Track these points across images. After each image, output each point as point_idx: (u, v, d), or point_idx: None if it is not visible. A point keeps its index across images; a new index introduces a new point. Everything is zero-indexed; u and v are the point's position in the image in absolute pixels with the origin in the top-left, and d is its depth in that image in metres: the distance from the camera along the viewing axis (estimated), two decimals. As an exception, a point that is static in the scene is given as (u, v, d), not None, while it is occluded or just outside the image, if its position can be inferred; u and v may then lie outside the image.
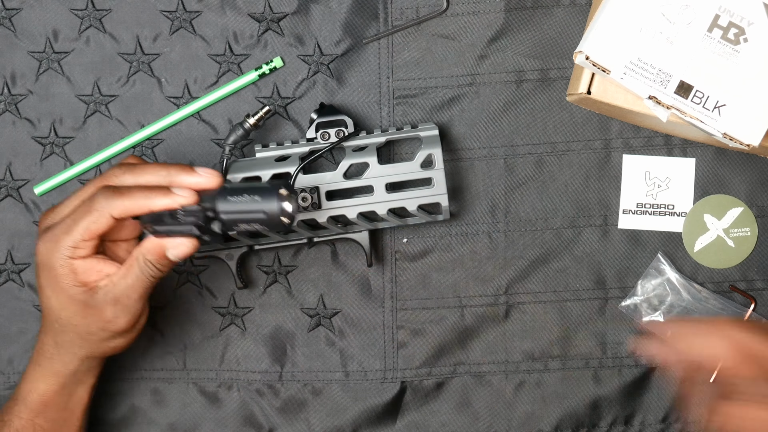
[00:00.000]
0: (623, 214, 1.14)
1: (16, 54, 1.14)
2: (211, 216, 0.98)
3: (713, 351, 0.94)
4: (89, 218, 0.97)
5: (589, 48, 1.01)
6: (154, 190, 0.97)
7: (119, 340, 1.02)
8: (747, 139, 1.01)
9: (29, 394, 1.04)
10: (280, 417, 1.14)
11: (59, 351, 1.02)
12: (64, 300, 0.99)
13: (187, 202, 0.97)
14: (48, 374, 1.03)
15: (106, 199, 0.97)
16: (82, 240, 0.97)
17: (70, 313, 1.00)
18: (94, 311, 0.99)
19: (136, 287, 0.99)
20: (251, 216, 0.97)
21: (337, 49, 1.13)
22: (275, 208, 0.97)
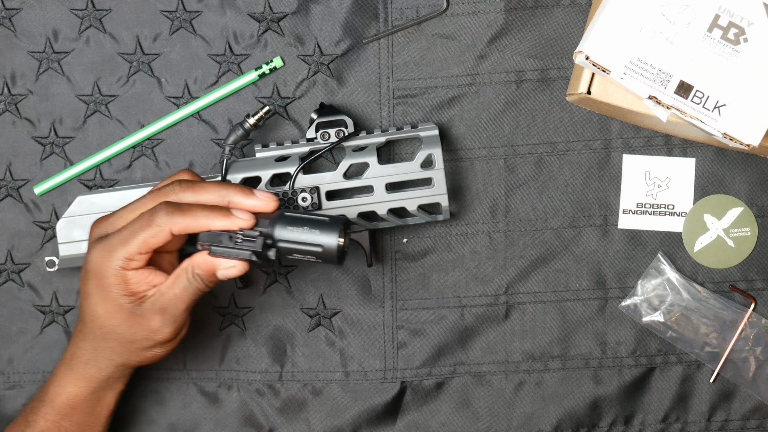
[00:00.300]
0: (623, 214, 1.14)
1: (16, 54, 1.14)
2: (269, 243, 0.98)
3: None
4: (149, 232, 0.98)
5: (589, 48, 1.01)
6: (215, 211, 0.98)
7: (159, 349, 1.02)
8: (747, 139, 1.01)
9: (57, 396, 1.03)
10: (280, 417, 1.14)
11: (96, 357, 1.02)
12: (112, 309, 0.99)
13: (246, 225, 0.98)
14: (80, 378, 1.03)
15: (167, 215, 0.98)
16: (138, 253, 0.98)
17: (117, 322, 1.00)
18: (140, 320, 1.00)
19: (183, 298, 1.00)
20: (308, 248, 0.98)
21: (337, 49, 1.13)
22: (333, 245, 0.98)
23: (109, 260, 0.99)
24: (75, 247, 1.10)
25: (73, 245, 1.10)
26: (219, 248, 0.98)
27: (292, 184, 1.09)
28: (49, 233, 1.14)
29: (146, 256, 0.99)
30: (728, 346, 1.13)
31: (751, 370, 1.13)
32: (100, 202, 1.10)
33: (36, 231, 1.14)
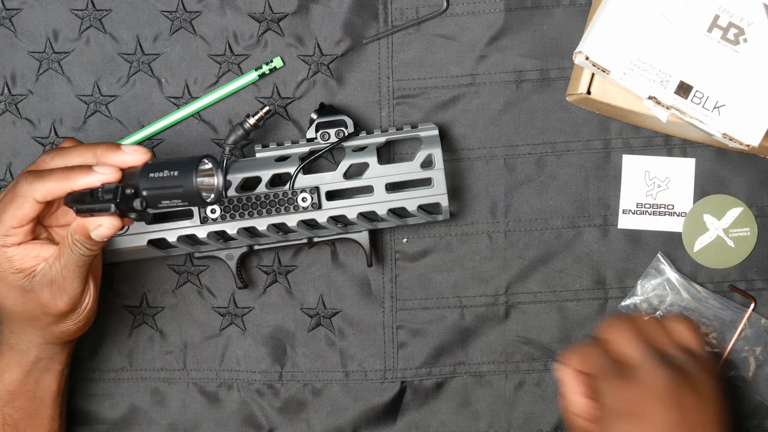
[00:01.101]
0: (623, 214, 1.14)
1: (17, 54, 1.14)
2: (129, 193, 0.95)
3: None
4: (14, 205, 0.97)
5: (589, 48, 1.01)
6: (75, 170, 0.96)
7: (67, 323, 1.01)
8: (747, 139, 1.01)
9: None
10: (280, 417, 1.15)
11: (16, 340, 1.02)
12: (4, 288, 0.99)
13: (106, 180, 0.96)
14: (11, 363, 1.03)
15: (28, 183, 0.96)
16: (12, 227, 0.97)
17: (11, 301, 0.99)
18: (31, 295, 0.99)
19: (69, 266, 0.98)
20: (170, 191, 0.95)
21: (337, 49, 1.13)
22: (192, 183, 0.94)
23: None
24: (75, 247, 1.10)
25: (73, 245, 1.10)
26: (82, 206, 0.96)
27: (292, 184, 1.09)
28: (49, 233, 1.14)
29: (23, 230, 0.98)
30: (728, 346, 1.13)
31: (751, 369, 1.13)
32: (100, 202, 1.10)
33: (36, 231, 1.14)
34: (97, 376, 1.14)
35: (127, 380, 1.15)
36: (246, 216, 1.09)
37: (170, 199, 0.95)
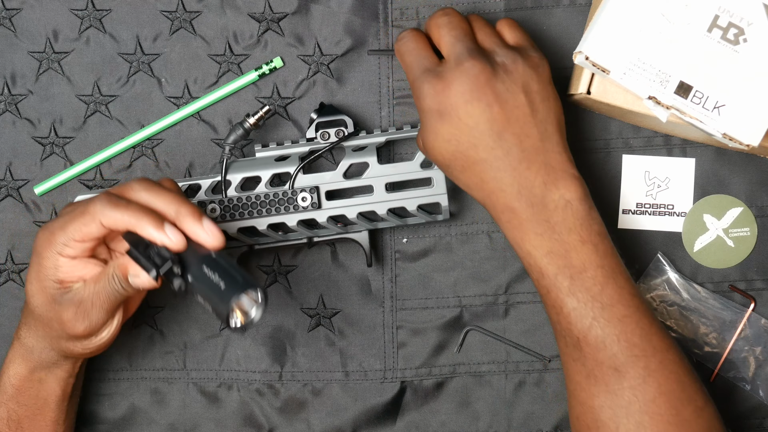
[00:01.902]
0: (623, 214, 1.14)
1: (16, 54, 1.14)
2: (176, 271, 0.96)
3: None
4: (82, 220, 0.97)
5: (589, 48, 1.02)
6: (149, 217, 0.96)
7: (76, 344, 1.01)
8: (747, 139, 1.01)
9: (3, 376, 1.04)
10: (280, 417, 1.15)
11: (29, 335, 1.03)
12: (38, 289, 0.99)
13: (169, 246, 0.96)
14: (19, 357, 1.03)
15: (102, 205, 0.97)
16: (73, 240, 0.98)
17: (38, 303, 1.00)
18: (57, 308, 0.99)
19: (101, 295, 0.98)
20: (208, 295, 0.95)
21: (337, 49, 1.13)
22: (224, 310, 0.94)
23: (47, 243, 0.98)
24: (75, 247, 1.10)
25: (73, 245, 1.10)
26: (133, 251, 0.97)
27: (291, 184, 1.09)
28: (49, 233, 1.14)
29: (83, 245, 0.98)
30: (728, 346, 1.13)
31: (751, 369, 1.13)
32: (100, 202, 1.10)
33: (36, 231, 1.14)
34: (97, 376, 1.14)
35: (126, 380, 1.15)
36: (246, 216, 1.09)
37: (204, 300, 0.95)
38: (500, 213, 1.02)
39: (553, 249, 1.00)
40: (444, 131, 1.01)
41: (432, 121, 1.01)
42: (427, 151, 1.03)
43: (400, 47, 1.05)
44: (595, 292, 0.99)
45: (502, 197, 1.01)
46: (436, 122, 1.01)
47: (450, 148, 1.01)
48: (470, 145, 1.01)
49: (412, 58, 1.03)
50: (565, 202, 1.00)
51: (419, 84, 1.02)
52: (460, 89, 1.00)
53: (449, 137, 1.01)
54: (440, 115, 1.01)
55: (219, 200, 1.09)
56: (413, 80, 1.02)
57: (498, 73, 1.01)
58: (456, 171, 1.03)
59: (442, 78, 1.01)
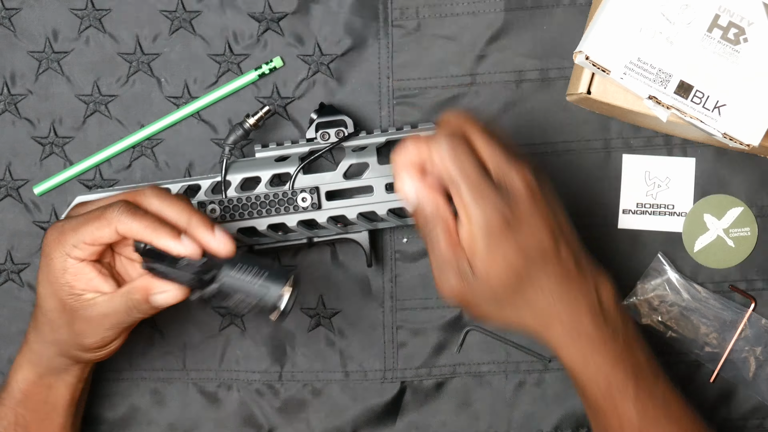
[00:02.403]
0: (623, 214, 1.14)
1: (16, 54, 1.14)
2: (208, 279, 0.96)
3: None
4: (96, 224, 0.97)
5: (589, 48, 1.01)
6: (165, 228, 0.96)
7: (85, 354, 1.01)
8: (747, 139, 1.01)
9: (12, 382, 1.04)
10: (280, 417, 1.14)
11: (37, 340, 1.02)
12: (49, 293, 0.99)
13: (187, 255, 0.96)
14: (28, 362, 1.03)
15: (119, 212, 0.96)
16: (83, 242, 0.97)
17: (50, 307, 1.00)
18: (68, 317, 0.99)
19: (113, 317, 0.98)
20: (248, 295, 0.96)
21: (337, 49, 1.13)
22: (272, 300, 0.96)
23: (57, 243, 0.98)
24: (75, 247, 1.10)
25: (72, 245, 1.10)
26: (158, 266, 0.96)
27: (292, 184, 1.09)
28: (48, 233, 1.14)
29: (93, 249, 0.98)
30: (728, 346, 1.13)
31: (751, 370, 1.13)
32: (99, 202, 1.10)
33: (36, 231, 1.14)
34: (97, 376, 1.14)
35: (126, 380, 1.15)
36: (246, 216, 1.09)
37: (242, 299, 0.96)
38: (562, 337, 0.97)
39: (618, 354, 0.97)
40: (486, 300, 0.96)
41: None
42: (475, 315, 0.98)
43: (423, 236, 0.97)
44: (651, 383, 0.98)
45: (560, 322, 0.97)
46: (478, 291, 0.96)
47: (486, 310, 0.97)
48: (498, 306, 0.97)
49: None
50: (612, 302, 0.98)
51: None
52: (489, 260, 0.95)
53: (484, 303, 0.96)
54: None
55: (219, 200, 1.09)
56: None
57: (512, 213, 0.95)
58: (500, 311, 0.97)
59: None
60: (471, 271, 0.95)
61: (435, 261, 0.96)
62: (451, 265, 0.95)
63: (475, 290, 0.95)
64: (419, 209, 0.96)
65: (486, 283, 0.94)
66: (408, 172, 0.95)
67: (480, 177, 0.94)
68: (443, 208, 0.95)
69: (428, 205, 0.95)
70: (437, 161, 0.94)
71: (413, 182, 0.95)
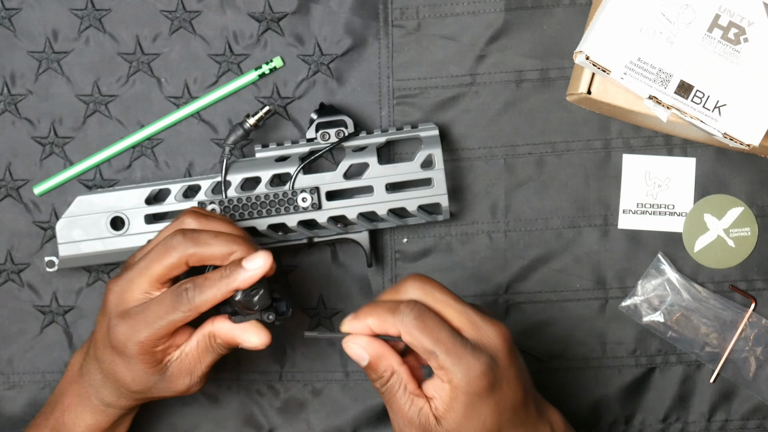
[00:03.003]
0: (623, 214, 1.14)
1: (16, 54, 1.14)
2: (276, 297, 1.00)
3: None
4: (173, 316, 0.97)
5: (589, 48, 1.01)
6: (238, 270, 0.97)
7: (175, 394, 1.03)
8: (747, 139, 1.01)
9: (75, 427, 1.03)
10: (280, 417, 1.14)
11: (119, 400, 1.02)
12: (140, 377, 0.99)
13: (268, 267, 0.97)
14: (101, 413, 1.03)
15: (187, 292, 0.97)
16: (167, 333, 0.98)
17: (146, 387, 1.00)
18: (168, 384, 1.00)
19: (207, 361, 1.00)
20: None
21: (337, 49, 1.13)
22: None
23: (134, 340, 0.98)
24: (75, 248, 1.10)
25: (73, 245, 1.10)
26: (242, 317, 0.99)
27: (292, 184, 1.09)
28: (48, 233, 1.14)
29: (169, 335, 0.99)
30: (728, 346, 1.13)
31: (751, 370, 1.13)
32: (100, 202, 1.10)
33: (36, 231, 1.14)
34: (97, 376, 1.14)
35: (126, 380, 1.15)
36: (246, 216, 1.09)
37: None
38: None
39: None
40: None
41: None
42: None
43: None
44: None
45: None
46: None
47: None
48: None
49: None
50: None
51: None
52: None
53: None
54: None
55: (219, 201, 1.09)
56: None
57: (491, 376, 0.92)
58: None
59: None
60: (436, 422, 0.92)
61: (394, 416, 0.93)
62: (412, 418, 0.92)
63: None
64: (372, 366, 0.93)
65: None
66: (357, 336, 0.93)
67: (455, 341, 0.91)
68: (396, 362, 0.93)
69: (382, 360, 0.93)
70: (406, 336, 0.91)
71: (363, 340, 0.93)
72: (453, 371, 0.90)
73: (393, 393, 0.93)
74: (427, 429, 0.92)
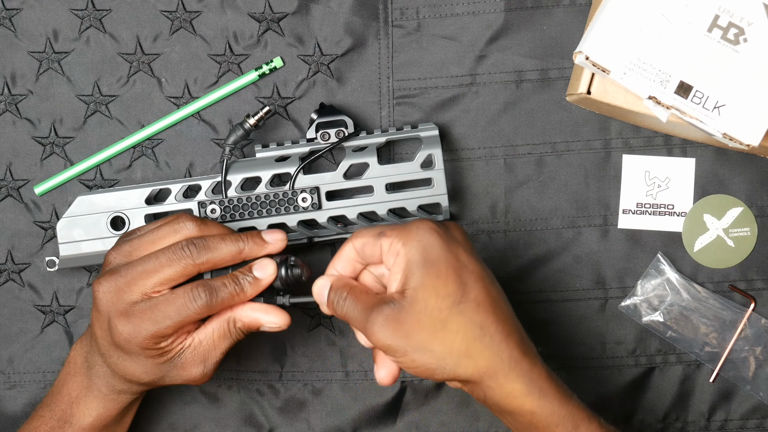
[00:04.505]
0: (623, 214, 1.14)
1: (16, 54, 1.14)
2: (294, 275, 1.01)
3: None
4: (184, 314, 0.98)
5: (589, 48, 1.01)
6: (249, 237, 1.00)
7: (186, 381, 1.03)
8: (747, 139, 1.01)
9: (84, 418, 1.03)
10: (280, 417, 1.15)
11: (131, 388, 1.02)
12: (151, 369, 1.00)
13: (281, 248, 1.00)
14: (111, 402, 1.03)
15: (197, 254, 0.98)
16: (174, 328, 0.98)
17: (156, 378, 1.00)
18: (181, 371, 1.00)
19: (222, 347, 1.00)
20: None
21: (337, 49, 1.13)
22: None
23: (138, 338, 0.98)
24: (75, 247, 1.10)
25: (73, 245, 1.10)
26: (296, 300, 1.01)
27: (292, 184, 1.09)
28: (49, 233, 1.14)
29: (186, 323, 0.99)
30: (728, 346, 1.13)
31: (751, 369, 1.13)
32: (100, 202, 1.10)
33: (36, 231, 1.14)
34: (97, 376, 1.14)
35: (127, 380, 1.15)
36: (246, 216, 1.09)
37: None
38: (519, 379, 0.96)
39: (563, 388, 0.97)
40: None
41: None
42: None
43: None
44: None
45: (502, 362, 0.96)
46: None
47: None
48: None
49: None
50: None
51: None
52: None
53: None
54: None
55: (219, 201, 1.09)
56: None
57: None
58: (434, 340, 0.94)
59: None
60: (402, 297, 0.93)
61: (358, 316, 0.94)
62: (375, 307, 0.93)
63: (407, 317, 0.92)
64: (334, 287, 0.96)
65: (421, 302, 0.92)
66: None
67: (398, 224, 0.96)
68: (350, 279, 0.97)
69: (341, 280, 0.96)
70: (357, 243, 0.96)
71: (325, 278, 0.97)
72: (399, 237, 0.94)
73: (355, 300, 0.95)
74: (396, 310, 0.92)
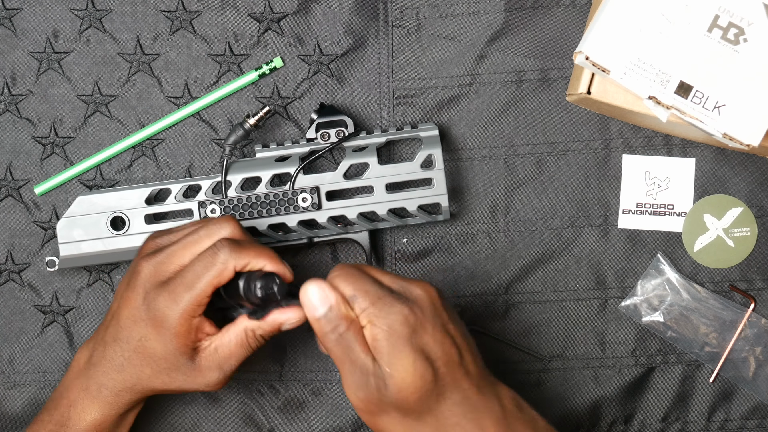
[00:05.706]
0: (623, 214, 1.14)
1: (17, 54, 1.14)
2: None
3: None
4: (212, 271, 0.98)
5: (589, 48, 1.02)
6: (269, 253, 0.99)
7: (201, 387, 1.03)
8: (747, 139, 1.01)
9: (80, 422, 1.02)
10: (280, 417, 1.15)
11: (134, 390, 1.02)
12: (172, 353, 0.99)
13: (289, 275, 0.99)
14: (108, 406, 1.02)
15: (227, 252, 0.97)
16: (206, 296, 0.98)
17: (170, 365, 1.00)
18: (197, 373, 1.00)
19: (239, 356, 1.00)
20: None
21: (337, 49, 1.13)
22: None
23: (174, 307, 0.98)
24: (75, 247, 1.10)
25: (73, 245, 1.10)
26: (289, 301, 0.99)
27: (292, 185, 1.09)
28: (49, 233, 1.14)
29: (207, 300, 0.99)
30: (728, 346, 1.13)
31: (751, 369, 1.13)
32: (100, 202, 1.10)
33: (36, 231, 1.14)
34: (97, 376, 1.14)
35: (127, 380, 1.15)
36: (246, 216, 1.09)
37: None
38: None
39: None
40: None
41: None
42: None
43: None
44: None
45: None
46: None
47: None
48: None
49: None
50: (513, 407, 0.96)
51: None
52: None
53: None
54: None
55: (219, 201, 1.09)
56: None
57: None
58: (404, 424, 0.95)
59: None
60: (383, 376, 0.92)
61: (349, 365, 0.93)
62: (367, 369, 0.93)
63: (384, 397, 0.93)
64: (328, 317, 0.93)
65: (396, 389, 0.92)
66: (319, 281, 0.94)
67: (378, 288, 0.93)
68: (351, 313, 0.94)
69: (337, 308, 0.94)
70: (338, 286, 0.93)
71: (321, 289, 0.94)
72: (372, 311, 0.92)
73: (350, 341, 0.93)
74: (378, 383, 0.93)
